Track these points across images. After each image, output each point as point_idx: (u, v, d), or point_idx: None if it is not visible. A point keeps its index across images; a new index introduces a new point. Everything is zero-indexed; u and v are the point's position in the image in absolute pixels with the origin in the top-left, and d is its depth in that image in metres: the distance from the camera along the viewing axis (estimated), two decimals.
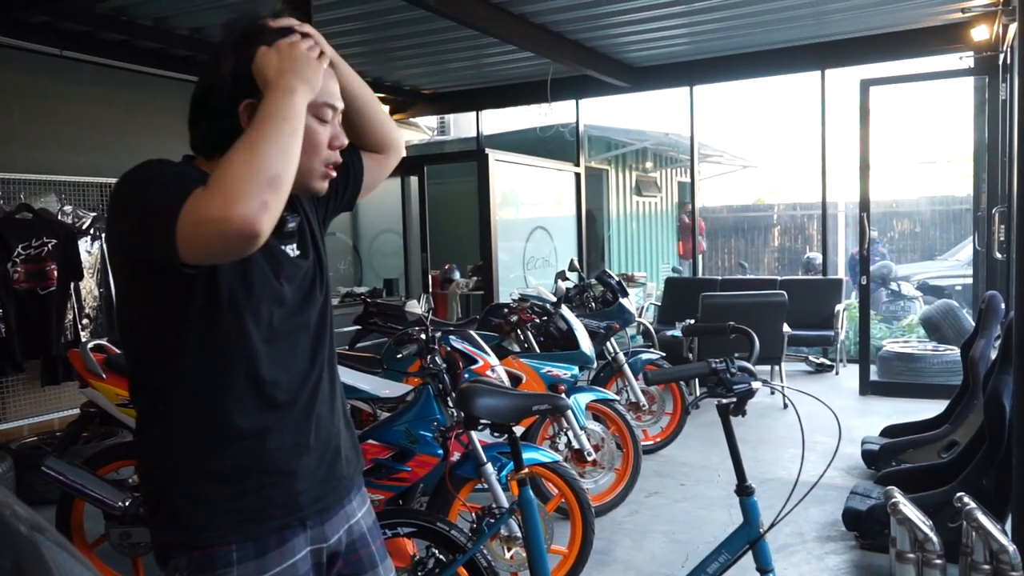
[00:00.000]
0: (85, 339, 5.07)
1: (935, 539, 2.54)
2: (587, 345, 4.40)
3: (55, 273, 4.95)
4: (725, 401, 2.10)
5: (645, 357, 4.95)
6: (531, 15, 5.73)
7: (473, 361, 3.60)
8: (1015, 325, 2.61)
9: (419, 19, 5.62)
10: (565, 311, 4.55)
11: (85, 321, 5.24)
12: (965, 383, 4.25)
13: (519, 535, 2.63)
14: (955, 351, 5.99)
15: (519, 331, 4.52)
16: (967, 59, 6.33)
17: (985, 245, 6.03)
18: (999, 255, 5.08)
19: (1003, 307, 4.20)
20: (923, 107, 20.12)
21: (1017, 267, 2.60)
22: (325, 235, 1.50)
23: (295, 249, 1.37)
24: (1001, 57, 5.66)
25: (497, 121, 10.59)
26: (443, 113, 10.19)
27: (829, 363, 7.42)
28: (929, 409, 4.90)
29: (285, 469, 1.31)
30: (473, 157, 7.29)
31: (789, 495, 2.02)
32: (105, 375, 3.13)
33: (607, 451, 3.94)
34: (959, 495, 2.56)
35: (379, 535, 1.52)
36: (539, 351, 4.44)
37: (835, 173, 11.97)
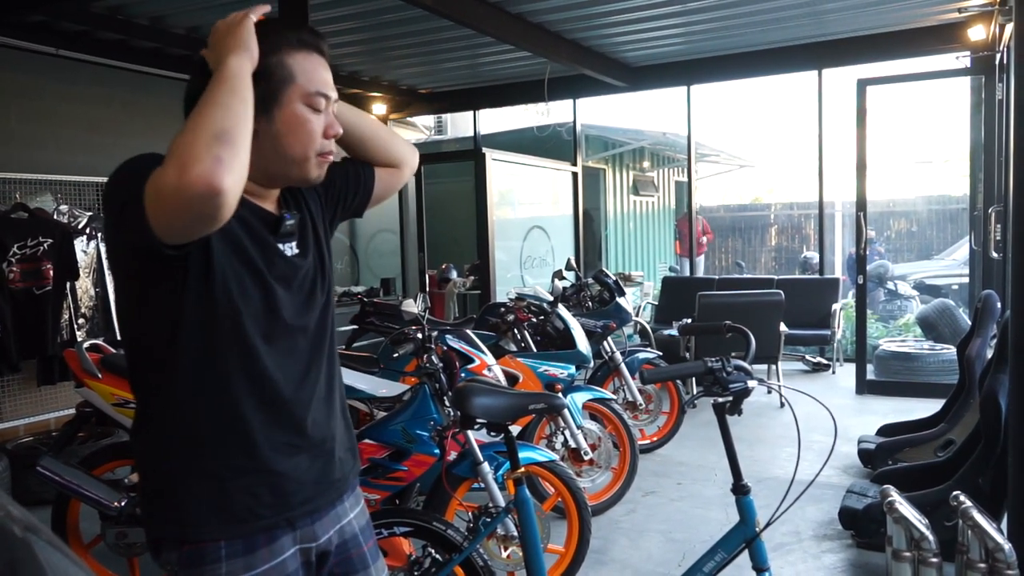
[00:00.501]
0: (81, 339, 5.06)
1: (931, 538, 2.55)
2: (584, 344, 4.40)
3: (51, 273, 4.94)
4: (721, 400, 2.10)
5: (642, 356, 4.95)
6: (528, 14, 5.73)
7: (470, 360, 3.60)
8: (1011, 324, 2.62)
9: (416, 18, 5.62)
10: (562, 310, 4.55)
11: (81, 321, 5.23)
12: (961, 382, 4.26)
13: (515, 534, 2.63)
14: (951, 350, 6.00)
15: (516, 330, 4.51)
16: (963, 59, 6.34)
17: (981, 244, 6.04)
18: (995, 254, 5.09)
19: (999, 306, 4.21)
20: (920, 107, 20.12)
21: (1013, 266, 2.60)
22: (331, 237, 1.50)
23: (294, 248, 1.37)
24: (997, 57, 5.67)
25: (494, 120, 10.58)
26: (440, 112, 10.19)
27: (826, 362, 7.43)
28: (925, 408, 4.92)
29: (276, 469, 1.31)
30: (470, 156, 7.29)
31: (785, 494, 2.02)
32: (101, 375, 3.12)
33: (604, 450, 3.94)
34: (955, 494, 2.57)
35: (372, 535, 1.52)
36: (536, 350, 4.44)
37: (832, 172, 11.97)
